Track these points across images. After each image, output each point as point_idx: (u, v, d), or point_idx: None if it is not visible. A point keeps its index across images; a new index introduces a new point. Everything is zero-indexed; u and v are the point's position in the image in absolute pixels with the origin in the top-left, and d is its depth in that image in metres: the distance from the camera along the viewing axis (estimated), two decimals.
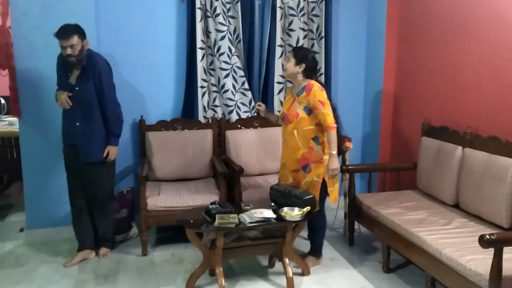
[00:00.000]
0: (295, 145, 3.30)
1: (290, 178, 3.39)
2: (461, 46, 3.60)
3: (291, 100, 3.37)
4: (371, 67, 4.72)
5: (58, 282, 3.30)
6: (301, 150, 3.29)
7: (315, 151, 3.28)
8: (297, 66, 3.28)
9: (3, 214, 4.70)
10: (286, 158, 3.41)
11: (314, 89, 3.22)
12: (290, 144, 3.34)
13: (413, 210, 3.40)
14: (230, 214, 3.00)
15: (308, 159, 3.28)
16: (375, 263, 3.58)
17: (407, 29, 4.30)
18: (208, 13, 4.21)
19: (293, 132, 3.30)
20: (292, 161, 3.35)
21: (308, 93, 3.23)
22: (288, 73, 3.35)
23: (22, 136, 3.87)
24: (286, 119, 3.34)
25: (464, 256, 2.60)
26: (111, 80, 3.48)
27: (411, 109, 4.27)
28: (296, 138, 3.29)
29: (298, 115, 3.26)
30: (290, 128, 3.31)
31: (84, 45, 3.34)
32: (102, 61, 3.43)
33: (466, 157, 3.30)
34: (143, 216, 3.64)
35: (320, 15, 4.47)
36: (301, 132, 3.28)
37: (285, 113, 3.37)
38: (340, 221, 4.29)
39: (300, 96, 3.27)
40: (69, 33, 3.24)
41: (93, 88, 3.36)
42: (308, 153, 3.28)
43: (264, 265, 3.54)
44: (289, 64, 3.31)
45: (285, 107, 3.43)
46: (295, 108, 3.29)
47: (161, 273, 3.43)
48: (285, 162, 3.42)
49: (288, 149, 3.36)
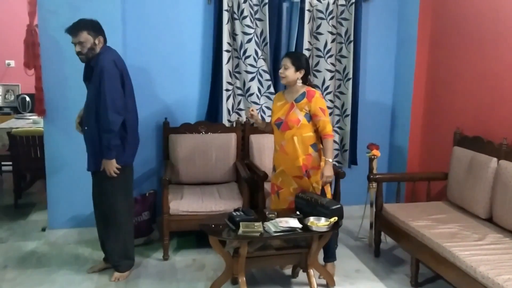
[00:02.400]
0: (295, 152, 3.22)
1: (294, 184, 3.30)
2: (498, 54, 3.46)
3: (287, 106, 3.26)
4: (401, 73, 4.59)
5: (79, 284, 3.27)
6: (300, 157, 3.22)
7: (313, 158, 3.25)
8: (297, 73, 3.22)
9: (26, 212, 4.71)
10: (285, 164, 3.28)
11: (316, 96, 3.22)
12: (288, 150, 3.24)
13: (444, 223, 3.27)
14: (255, 223, 2.91)
15: (307, 166, 3.24)
16: (402, 276, 3.46)
17: (440, 35, 4.17)
18: (235, 15, 4.14)
19: (292, 138, 3.22)
20: (294, 168, 3.25)
21: (310, 100, 3.20)
22: (288, 81, 3.24)
23: (47, 136, 3.87)
24: (285, 125, 3.24)
25: (501, 275, 2.48)
26: (112, 83, 3.02)
27: (443, 117, 4.13)
28: (296, 145, 3.22)
29: (300, 122, 3.21)
30: (289, 134, 3.23)
31: (97, 43, 3.08)
32: (107, 61, 3.03)
33: (501, 169, 3.17)
34: (165, 220, 3.60)
35: (349, 19, 4.37)
36: (301, 139, 3.22)
37: (282, 118, 3.25)
38: (365, 230, 4.18)
39: (301, 102, 3.22)
40: (77, 29, 3.03)
41: (96, 91, 3.05)
42: (306, 159, 3.23)
43: (288, 275, 3.45)
44: (288, 72, 3.21)
45: (279, 113, 3.29)
46: (296, 114, 3.22)
47: (182, 279, 3.37)
48: (284, 168, 3.30)
49: (287, 156, 3.25)
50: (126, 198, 3.30)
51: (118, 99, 3.03)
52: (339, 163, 4.61)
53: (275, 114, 3.33)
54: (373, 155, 3.97)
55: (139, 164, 4.04)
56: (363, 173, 4.14)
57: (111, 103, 3.00)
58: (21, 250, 3.82)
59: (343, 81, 4.49)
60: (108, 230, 3.30)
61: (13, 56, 6.31)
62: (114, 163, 3.11)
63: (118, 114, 3.04)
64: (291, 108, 3.24)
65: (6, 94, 6.47)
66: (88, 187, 3.35)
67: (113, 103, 3.00)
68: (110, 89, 3.01)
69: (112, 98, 3.01)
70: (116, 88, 3.04)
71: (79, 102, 3.47)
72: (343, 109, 4.53)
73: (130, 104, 3.19)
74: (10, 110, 6.33)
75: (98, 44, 3.10)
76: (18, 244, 3.94)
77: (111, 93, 3.01)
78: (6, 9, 6.25)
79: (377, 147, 4.00)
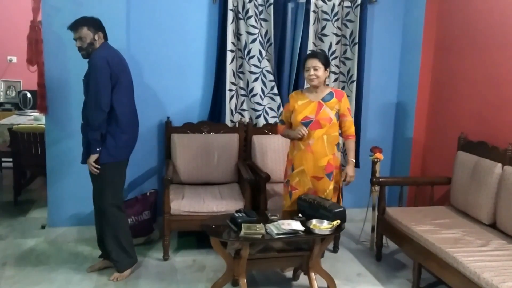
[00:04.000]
0: (322, 151, 3.23)
1: (309, 184, 3.30)
2: (504, 58, 3.43)
3: (314, 105, 3.25)
4: (406, 76, 4.56)
5: (78, 283, 3.25)
6: (327, 156, 3.24)
7: (337, 158, 3.31)
8: (326, 72, 3.26)
9: (26, 209, 4.69)
10: (307, 164, 3.27)
11: (345, 97, 3.31)
12: (315, 149, 3.23)
13: (447, 228, 3.24)
14: (257, 224, 2.89)
15: (332, 166, 3.26)
16: (403, 281, 3.43)
17: (446, 38, 4.14)
18: (240, 15, 4.12)
19: (322, 137, 3.23)
20: (315, 167, 3.25)
21: (340, 99, 3.27)
22: (320, 81, 3.24)
23: (48, 133, 3.84)
24: (316, 124, 3.23)
25: (506, 282, 2.45)
26: (99, 79, 3.01)
27: (447, 122, 4.11)
28: (325, 144, 3.24)
29: (332, 120, 3.24)
30: (320, 133, 3.23)
31: (96, 39, 3.11)
32: (99, 57, 3.04)
33: (506, 175, 3.14)
34: (166, 220, 3.57)
35: (355, 21, 4.34)
36: (330, 138, 3.25)
37: (311, 117, 3.23)
38: (367, 234, 4.16)
39: (330, 101, 3.24)
40: (77, 25, 3.07)
41: (87, 86, 3.10)
42: (333, 159, 3.26)
43: (288, 277, 3.43)
44: (320, 72, 3.21)
45: (306, 111, 3.25)
46: (327, 113, 3.23)
47: (182, 280, 3.34)
48: (305, 168, 3.28)
49: (312, 155, 3.24)
50: (114, 195, 3.25)
51: (102, 95, 3.02)
52: (342, 166, 4.56)
53: (300, 113, 3.27)
54: (376, 158, 3.94)
55: (141, 163, 4.03)
56: (366, 176, 4.12)
57: (94, 98, 3.02)
58: (20, 247, 3.79)
59: (347, 83, 4.46)
60: (103, 226, 3.30)
61: (15, 52, 6.30)
62: (92, 158, 3.10)
63: (100, 110, 3.02)
64: (320, 107, 3.24)
65: (7, 90, 6.46)
66: (88, 185, 3.32)
67: (96, 99, 3.01)
68: (95, 84, 3.02)
69: (96, 93, 3.01)
70: (102, 84, 3.02)
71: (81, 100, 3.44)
72: None
73: (124, 101, 3.15)
74: (11, 106, 6.31)
75: (98, 40, 3.12)
76: (18, 241, 3.92)
77: (96, 89, 3.02)
78: (9, 5, 6.23)
79: (380, 150, 3.97)
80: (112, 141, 3.13)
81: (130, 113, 3.26)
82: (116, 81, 3.08)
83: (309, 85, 3.31)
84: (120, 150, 3.19)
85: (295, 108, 3.31)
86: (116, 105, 3.09)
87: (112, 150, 3.14)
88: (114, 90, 3.08)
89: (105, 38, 3.18)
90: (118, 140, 3.15)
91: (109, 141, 3.12)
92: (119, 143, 3.16)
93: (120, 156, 3.22)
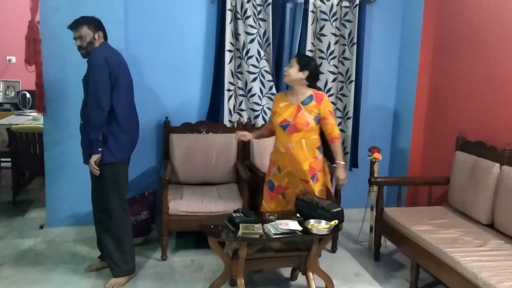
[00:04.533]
0: (302, 155, 3.21)
1: (301, 186, 3.29)
2: (502, 57, 3.43)
3: (293, 108, 3.23)
4: (404, 76, 4.56)
5: (76, 284, 3.25)
6: (308, 160, 3.22)
7: (319, 160, 3.26)
8: (300, 73, 3.20)
9: (24, 209, 4.69)
10: (292, 166, 3.25)
11: (325, 99, 3.24)
12: (295, 153, 3.21)
13: (445, 228, 3.25)
14: (255, 224, 2.89)
15: (314, 169, 3.24)
16: (402, 281, 3.43)
17: (444, 39, 4.14)
18: (238, 15, 4.12)
19: (301, 141, 3.21)
20: (300, 171, 3.23)
21: (319, 103, 3.21)
22: (290, 79, 3.23)
23: (46, 133, 3.84)
24: (293, 128, 3.21)
25: (503, 282, 2.46)
26: (99, 78, 2.99)
27: (445, 122, 4.11)
28: (304, 148, 3.21)
29: (309, 124, 3.20)
30: (297, 137, 3.21)
31: (96, 38, 3.09)
32: (98, 56, 3.02)
33: (504, 175, 3.14)
34: (164, 220, 3.57)
35: (353, 21, 4.34)
36: (309, 142, 3.22)
37: (289, 121, 3.21)
38: (365, 234, 4.16)
39: (309, 105, 3.21)
40: (77, 24, 3.06)
41: (87, 85, 3.07)
42: (314, 162, 3.24)
43: (286, 277, 3.43)
44: (292, 70, 3.21)
45: (285, 114, 3.24)
46: (305, 117, 3.20)
47: (180, 280, 3.34)
48: (291, 170, 3.27)
49: (293, 159, 3.22)
50: (120, 197, 3.21)
51: (102, 94, 2.99)
52: None
53: (279, 116, 3.27)
54: (375, 158, 3.94)
55: (139, 163, 4.03)
56: (364, 176, 4.11)
57: (94, 97, 2.99)
58: (18, 247, 3.79)
59: (346, 84, 4.46)
60: (103, 229, 3.25)
61: (14, 52, 6.28)
62: (93, 158, 3.05)
63: (100, 109, 3.00)
64: (298, 110, 3.22)
65: (6, 90, 6.45)
66: (87, 185, 3.32)
67: (96, 98, 2.99)
68: (95, 83, 2.99)
69: (96, 92, 2.99)
70: (101, 83, 3.00)
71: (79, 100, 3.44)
72: (345, 111, 4.51)
73: (123, 101, 3.13)
74: (10, 106, 6.30)
75: (98, 39, 3.10)
76: (16, 241, 3.91)
77: (96, 88, 2.99)
78: (8, 5, 6.22)
79: (378, 150, 3.97)
80: (113, 141, 3.10)
81: (130, 113, 3.23)
82: (115, 81, 3.06)
83: (291, 88, 3.29)
84: (121, 150, 3.16)
85: (276, 110, 3.31)
86: (115, 105, 3.07)
87: (113, 151, 3.11)
88: (114, 89, 3.06)
89: (105, 37, 3.17)
90: (119, 140, 3.12)
91: (110, 142, 3.09)
92: (120, 143, 3.13)
93: (122, 156, 3.19)
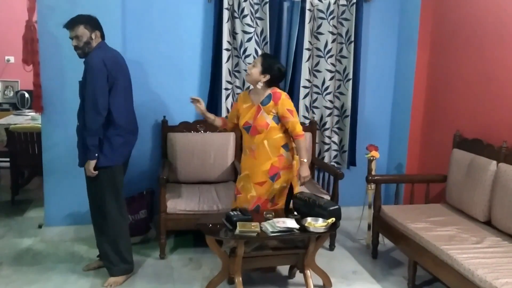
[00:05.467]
0: (265, 156, 3.18)
1: (253, 191, 3.22)
2: (499, 55, 3.44)
3: (254, 109, 3.20)
4: (401, 74, 4.57)
5: (74, 283, 3.25)
6: (271, 160, 3.18)
7: (285, 158, 3.22)
8: (262, 76, 3.15)
9: (23, 209, 4.69)
10: (251, 169, 3.22)
11: (282, 98, 3.17)
12: (258, 155, 3.19)
13: (442, 225, 3.25)
14: (252, 222, 2.90)
15: (277, 167, 3.20)
16: (399, 279, 3.44)
17: (441, 36, 4.15)
18: (235, 13, 4.12)
19: (263, 142, 3.18)
20: (259, 173, 3.19)
21: (276, 102, 3.15)
22: (250, 79, 3.20)
23: (44, 133, 3.84)
24: (254, 130, 3.18)
25: (499, 278, 2.46)
26: (96, 81, 2.94)
27: (442, 120, 4.11)
28: (267, 149, 3.18)
29: (268, 125, 3.16)
30: (259, 138, 3.18)
31: (93, 38, 3.04)
32: (95, 59, 2.96)
33: (500, 172, 3.15)
34: (162, 219, 3.58)
35: (350, 19, 4.35)
36: (272, 142, 3.18)
37: (250, 123, 3.19)
38: (363, 232, 4.17)
39: (267, 105, 3.17)
40: (74, 23, 3.01)
41: (83, 88, 3.00)
42: (278, 161, 3.19)
43: (284, 275, 3.43)
44: (254, 70, 3.16)
45: (247, 116, 3.21)
46: (264, 118, 3.16)
47: (179, 279, 3.35)
48: (249, 173, 3.23)
49: (255, 161, 3.20)
50: (115, 199, 3.18)
51: (100, 97, 2.94)
52: (338, 164, 4.59)
53: (242, 117, 3.24)
54: (372, 156, 3.95)
55: (137, 162, 4.02)
56: (361, 174, 4.12)
57: (92, 100, 2.94)
58: (17, 247, 3.80)
59: (343, 82, 4.47)
60: (99, 230, 3.24)
61: (13, 52, 6.28)
62: (91, 164, 3.01)
63: (98, 113, 2.95)
64: (258, 111, 3.18)
65: (5, 90, 6.45)
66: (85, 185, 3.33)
67: (93, 102, 2.93)
68: (92, 87, 2.94)
69: (93, 96, 2.94)
70: (99, 87, 2.95)
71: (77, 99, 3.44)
72: (342, 109, 4.51)
73: (121, 104, 3.09)
74: (9, 106, 6.30)
75: (94, 38, 3.06)
76: (14, 240, 3.92)
77: (93, 92, 2.94)
78: (5, 5, 6.22)
79: (376, 148, 3.99)
80: (108, 145, 3.06)
81: (128, 116, 3.19)
82: (113, 83, 3.01)
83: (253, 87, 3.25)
84: (116, 153, 3.11)
85: (240, 112, 3.27)
86: (113, 109, 3.02)
87: (108, 154, 3.06)
88: (111, 93, 3.01)
89: (102, 37, 3.13)
90: (113, 143, 3.08)
91: (105, 145, 3.05)
92: (114, 147, 3.09)
93: (117, 159, 3.14)
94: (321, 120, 4.48)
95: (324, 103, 4.44)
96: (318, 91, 4.44)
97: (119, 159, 3.17)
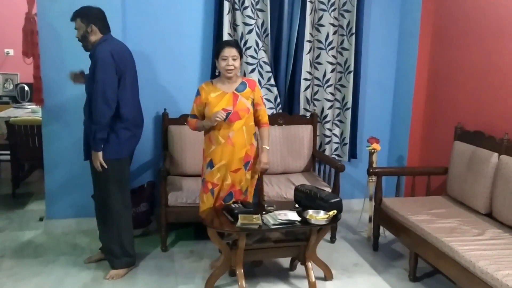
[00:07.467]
0: (242, 142, 3.16)
1: (229, 179, 3.19)
2: (500, 47, 3.42)
3: (229, 96, 3.13)
4: (403, 66, 4.55)
5: (76, 275, 3.26)
6: (245, 147, 3.18)
7: (254, 147, 3.25)
8: (241, 61, 3.21)
9: (24, 202, 4.70)
10: (228, 157, 3.15)
11: (257, 85, 3.28)
12: (236, 142, 3.13)
13: (444, 217, 3.26)
14: (253, 215, 2.90)
15: (250, 156, 3.22)
16: (400, 271, 3.45)
17: (442, 29, 4.13)
18: (236, 5, 4.09)
19: (242, 128, 3.15)
20: (235, 160, 3.16)
21: (253, 89, 3.21)
22: (236, 73, 3.16)
23: (45, 125, 3.84)
24: (235, 115, 3.12)
25: (500, 270, 2.46)
26: (106, 74, 2.94)
27: (444, 112, 4.10)
28: (244, 135, 3.16)
29: (249, 110, 3.18)
30: (239, 124, 3.13)
31: (89, 31, 3.04)
32: (104, 51, 2.95)
33: (502, 164, 3.15)
34: (163, 212, 3.58)
35: (352, 11, 4.33)
36: (248, 128, 3.19)
37: (229, 109, 3.10)
38: (364, 224, 4.17)
39: (244, 91, 3.17)
40: (74, 15, 3.06)
41: (92, 81, 2.99)
42: (250, 149, 3.21)
43: (286, 267, 3.44)
44: (237, 63, 3.12)
45: (222, 103, 3.10)
46: (244, 103, 3.15)
47: (180, 271, 3.36)
48: (227, 162, 3.17)
49: (234, 148, 3.14)
50: (120, 192, 3.18)
51: (109, 90, 2.94)
52: (339, 157, 4.58)
53: (215, 106, 3.11)
54: (373, 149, 3.95)
55: (138, 155, 4.01)
56: (363, 167, 4.13)
57: (101, 94, 2.93)
58: (18, 240, 3.81)
59: (344, 74, 4.45)
60: (103, 222, 3.26)
61: (12, 45, 6.27)
62: (99, 156, 3.02)
63: (107, 106, 2.94)
64: (235, 97, 3.14)
65: (5, 83, 6.44)
66: (86, 177, 3.33)
67: (103, 94, 2.93)
68: (102, 79, 2.93)
69: (103, 89, 2.93)
70: (108, 79, 2.95)
71: (77, 92, 3.46)
72: (343, 102, 4.50)
73: (128, 97, 3.08)
74: (8, 99, 6.30)
75: (90, 32, 3.05)
76: (16, 233, 3.93)
77: (103, 84, 2.93)
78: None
79: (377, 140, 3.98)
80: (115, 137, 3.06)
81: (135, 110, 3.19)
82: (121, 76, 3.01)
83: (223, 76, 3.17)
84: (123, 146, 3.12)
85: (208, 101, 3.14)
86: (120, 101, 3.02)
87: (115, 146, 3.07)
88: (119, 85, 3.01)
89: (102, 31, 3.09)
90: (120, 136, 3.08)
91: (111, 138, 3.05)
92: (121, 140, 3.09)
93: (122, 152, 3.15)
94: (322, 113, 4.47)
95: (325, 95, 4.43)
96: (319, 83, 4.43)
97: (125, 151, 3.19)
